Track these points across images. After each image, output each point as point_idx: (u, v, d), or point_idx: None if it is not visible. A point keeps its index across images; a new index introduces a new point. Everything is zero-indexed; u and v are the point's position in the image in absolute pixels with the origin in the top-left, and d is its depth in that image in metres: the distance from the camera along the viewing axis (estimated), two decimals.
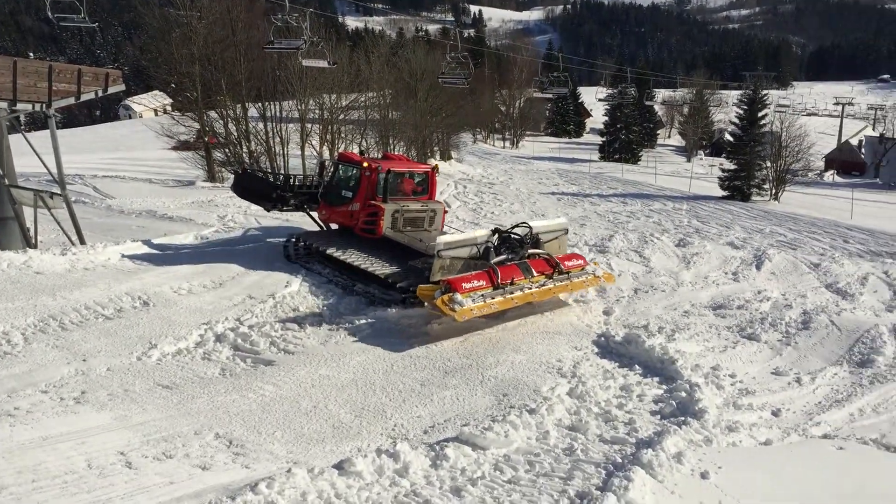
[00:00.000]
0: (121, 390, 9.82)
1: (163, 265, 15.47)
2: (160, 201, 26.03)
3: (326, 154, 39.63)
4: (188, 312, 12.98)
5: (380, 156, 18.28)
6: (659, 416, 10.25)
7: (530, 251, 14.99)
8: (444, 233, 17.24)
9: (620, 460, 8.49)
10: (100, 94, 20.46)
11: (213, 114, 36.42)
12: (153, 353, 11.18)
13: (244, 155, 36.76)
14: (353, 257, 15.28)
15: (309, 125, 39.40)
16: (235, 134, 36.56)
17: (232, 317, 13.00)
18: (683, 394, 10.80)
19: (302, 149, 38.74)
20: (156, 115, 77.99)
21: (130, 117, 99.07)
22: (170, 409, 9.39)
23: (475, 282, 12.75)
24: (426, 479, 7.98)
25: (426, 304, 13.02)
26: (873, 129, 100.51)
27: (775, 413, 10.88)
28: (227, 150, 36.98)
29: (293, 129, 38.73)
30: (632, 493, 7.58)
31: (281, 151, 37.71)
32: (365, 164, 16.21)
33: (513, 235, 15.10)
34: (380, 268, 14.81)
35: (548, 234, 15.82)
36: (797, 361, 13.08)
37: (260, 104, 37.93)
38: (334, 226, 17.63)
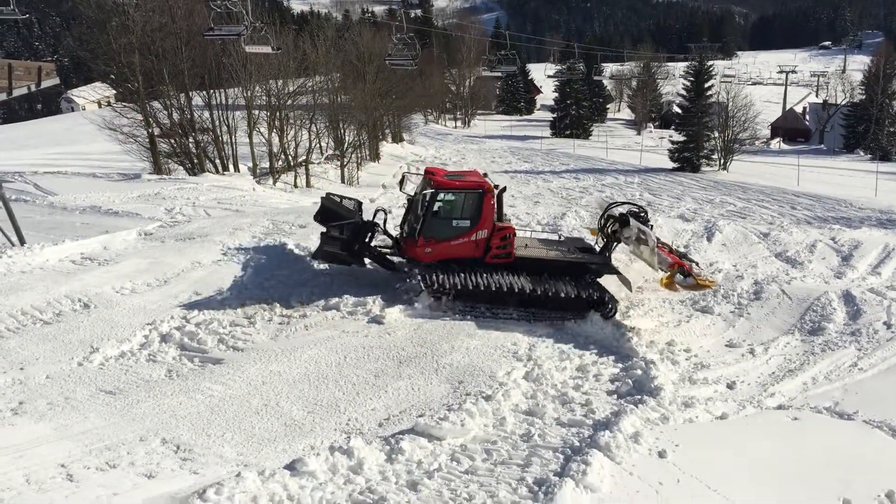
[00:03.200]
0: (61, 398, 9.44)
1: (104, 264, 14.96)
2: (105, 196, 25.18)
3: (276, 140, 39.01)
4: (131, 313, 12.52)
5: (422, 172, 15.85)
6: (616, 396, 10.23)
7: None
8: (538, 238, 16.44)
9: (578, 443, 8.42)
10: (33, 88, 19.62)
11: (156, 104, 35.54)
12: (95, 357, 10.78)
13: (190, 145, 35.91)
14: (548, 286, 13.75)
15: (256, 112, 38.74)
16: (180, 123, 35.76)
17: (178, 315, 12.58)
18: (639, 371, 10.80)
19: (250, 136, 38.10)
20: (99, 106, 75.83)
21: (73, 110, 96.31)
22: (113, 416, 9.05)
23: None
24: (381, 474, 7.80)
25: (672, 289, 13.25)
26: (816, 96, 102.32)
27: (730, 386, 10.94)
28: (172, 142, 36.15)
29: (240, 116, 38.07)
30: (590, 476, 7.52)
31: (228, 140, 37.03)
32: (488, 187, 14.33)
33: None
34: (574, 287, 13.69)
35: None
36: (750, 332, 13.17)
37: (205, 92, 37.08)
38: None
